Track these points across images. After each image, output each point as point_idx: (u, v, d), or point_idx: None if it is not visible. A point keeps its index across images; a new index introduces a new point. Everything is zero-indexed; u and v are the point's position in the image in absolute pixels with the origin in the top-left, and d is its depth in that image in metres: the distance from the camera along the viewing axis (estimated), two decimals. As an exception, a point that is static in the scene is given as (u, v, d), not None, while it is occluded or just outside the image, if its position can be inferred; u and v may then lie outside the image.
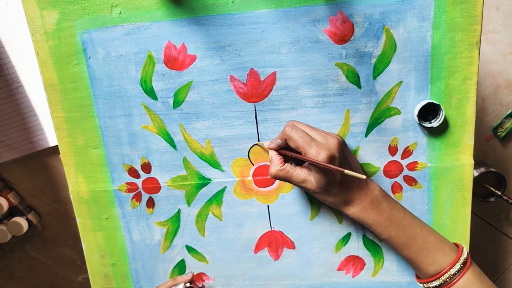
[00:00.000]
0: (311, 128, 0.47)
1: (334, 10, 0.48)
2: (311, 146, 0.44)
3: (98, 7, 0.49)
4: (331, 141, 0.45)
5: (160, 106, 0.52)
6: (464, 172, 0.52)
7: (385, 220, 0.48)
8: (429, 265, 0.47)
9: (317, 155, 0.43)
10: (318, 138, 0.46)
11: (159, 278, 0.58)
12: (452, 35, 0.48)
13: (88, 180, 0.55)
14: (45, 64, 0.51)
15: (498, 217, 0.94)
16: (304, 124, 0.48)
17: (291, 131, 0.46)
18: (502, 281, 0.99)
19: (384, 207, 0.48)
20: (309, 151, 0.44)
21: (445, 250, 0.47)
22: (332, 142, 0.45)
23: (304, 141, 0.45)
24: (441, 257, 0.47)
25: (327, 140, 0.45)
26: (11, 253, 0.98)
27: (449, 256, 0.47)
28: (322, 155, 0.43)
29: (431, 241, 0.48)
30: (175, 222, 0.56)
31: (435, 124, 0.49)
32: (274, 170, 0.48)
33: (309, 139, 0.45)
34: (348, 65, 0.50)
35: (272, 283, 0.58)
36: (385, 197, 0.49)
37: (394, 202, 0.50)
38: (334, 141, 0.45)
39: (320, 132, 0.47)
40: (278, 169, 0.47)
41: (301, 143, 0.45)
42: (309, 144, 0.44)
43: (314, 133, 0.46)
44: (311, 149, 0.44)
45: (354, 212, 0.48)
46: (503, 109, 0.89)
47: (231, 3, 0.48)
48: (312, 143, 0.44)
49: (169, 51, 0.50)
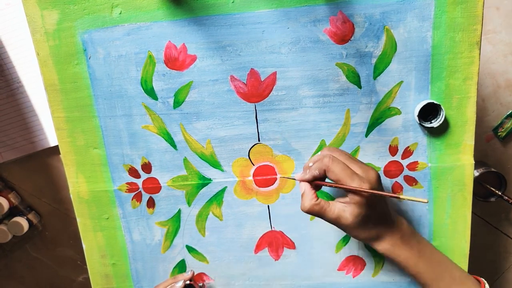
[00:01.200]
0: (350, 159, 0.46)
1: (334, 10, 0.48)
2: (353, 180, 0.43)
3: (99, 7, 0.49)
4: (372, 175, 0.44)
5: (161, 106, 0.52)
6: (464, 172, 0.52)
7: (415, 257, 0.47)
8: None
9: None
10: (359, 171, 0.44)
11: (160, 278, 0.58)
12: (453, 35, 0.48)
13: (88, 180, 0.55)
14: (46, 64, 0.51)
15: (498, 217, 0.94)
16: (343, 153, 0.46)
17: (332, 163, 0.44)
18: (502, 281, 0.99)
19: (413, 243, 0.47)
20: (351, 184, 0.43)
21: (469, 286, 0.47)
22: (373, 176, 0.44)
23: (346, 174, 0.43)
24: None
25: (368, 174, 0.44)
26: (12, 253, 0.98)
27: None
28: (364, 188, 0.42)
29: (457, 277, 0.47)
30: (175, 222, 0.56)
31: (436, 124, 0.49)
32: (308, 204, 0.45)
33: (350, 172, 0.43)
34: (348, 65, 0.50)
35: (273, 283, 0.58)
36: (413, 232, 0.48)
37: (421, 237, 0.49)
38: (374, 174, 0.44)
39: (361, 164, 0.45)
40: (314, 203, 0.44)
41: (343, 177, 0.43)
42: (351, 178, 0.43)
43: (354, 165, 0.45)
44: (353, 182, 0.43)
45: (385, 248, 0.47)
46: (503, 109, 0.89)
47: (232, 3, 0.48)
48: (354, 176, 0.43)
49: (169, 51, 0.50)
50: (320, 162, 0.45)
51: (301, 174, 0.46)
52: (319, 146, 0.53)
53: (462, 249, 0.54)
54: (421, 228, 0.54)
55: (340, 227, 0.45)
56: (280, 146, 0.53)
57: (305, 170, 0.46)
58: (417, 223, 0.54)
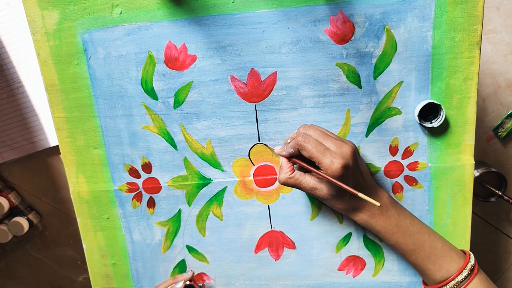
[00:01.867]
0: (324, 135, 0.46)
1: (334, 10, 0.48)
2: (325, 156, 0.43)
3: (99, 7, 0.49)
4: (345, 150, 0.44)
5: (161, 106, 0.52)
6: (464, 172, 0.52)
7: (393, 227, 0.48)
8: (437, 272, 0.47)
9: (331, 165, 0.43)
10: (332, 147, 0.45)
11: (160, 278, 0.58)
12: (453, 35, 0.48)
13: (88, 180, 0.55)
14: (46, 64, 0.51)
15: (499, 217, 0.94)
16: (317, 130, 0.47)
17: (304, 141, 0.45)
18: (503, 281, 0.99)
19: (392, 214, 0.48)
20: (323, 161, 0.43)
21: (452, 257, 0.47)
22: (346, 151, 0.44)
23: (317, 150, 0.44)
24: (448, 263, 0.47)
25: (341, 149, 0.44)
26: (12, 253, 0.98)
27: (456, 262, 0.47)
28: (336, 164, 0.43)
29: (439, 247, 0.48)
30: (175, 222, 0.56)
31: (436, 124, 0.49)
32: (283, 177, 0.47)
33: (322, 149, 0.44)
34: (348, 65, 0.50)
35: (273, 283, 0.58)
36: (393, 203, 0.49)
37: (402, 208, 0.50)
38: (348, 149, 0.45)
39: (334, 140, 0.46)
40: (288, 176, 0.47)
41: (315, 153, 0.44)
42: (323, 154, 0.44)
43: (328, 141, 0.45)
44: (325, 158, 0.43)
45: (362, 218, 0.48)
46: (503, 109, 0.89)
47: (232, 3, 0.48)
48: (326, 152, 0.44)
49: (169, 51, 0.50)
50: (295, 140, 0.46)
51: (280, 149, 0.48)
52: (319, 146, 0.53)
53: (462, 249, 0.54)
54: (421, 228, 0.54)
55: (317, 197, 0.47)
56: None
57: (283, 146, 0.48)
58: (417, 223, 0.54)
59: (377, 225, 0.48)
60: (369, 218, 0.48)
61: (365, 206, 0.48)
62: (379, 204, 0.41)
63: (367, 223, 0.48)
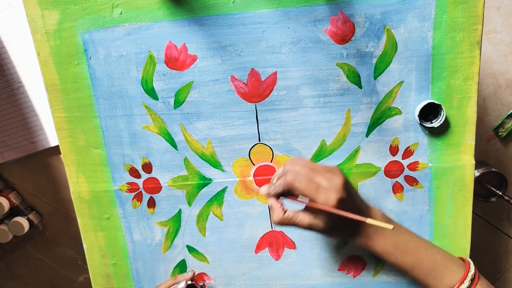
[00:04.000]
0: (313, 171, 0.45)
1: (335, 10, 0.48)
2: (320, 194, 0.43)
3: (99, 7, 0.49)
4: (337, 182, 0.44)
5: (161, 106, 0.52)
6: (465, 172, 0.52)
7: (391, 246, 0.47)
8: (438, 285, 0.46)
9: (327, 201, 0.43)
10: (323, 182, 0.44)
11: (160, 278, 0.58)
12: (453, 35, 0.48)
13: (89, 180, 0.55)
14: (46, 64, 0.51)
15: (499, 217, 0.94)
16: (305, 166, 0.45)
17: (294, 181, 0.44)
18: (503, 281, 0.99)
19: (388, 233, 0.48)
20: (318, 199, 0.43)
21: (452, 268, 0.47)
22: (338, 183, 0.44)
23: (311, 189, 0.43)
24: (449, 275, 0.46)
25: (333, 182, 0.44)
26: (12, 253, 0.98)
27: (457, 273, 0.46)
28: (331, 200, 0.43)
29: (438, 261, 0.47)
30: (176, 222, 0.56)
31: (436, 124, 0.49)
32: (277, 218, 0.46)
33: (315, 186, 0.43)
34: (349, 65, 0.50)
35: (273, 283, 0.58)
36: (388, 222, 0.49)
37: (398, 225, 0.49)
38: (339, 181, 0.44)
39: (324, 173, 0.45)
40: (281, 217, 0.45)
41: (309, 192, 0.43)
42: (317, 192, 0.43)
43: (318, 177, 0.44)
44: (320, 196, 0.43)
45: (360, 242, 0.47)
46: (504, 109, 0.89)
47: (232, 3, 0.48)
48: (320, 190, 0.43)
49: (170, 51, 0.50)
50: (283, 179, 0.45)
51: (266, 189, 0.47)
52: (320, 146, 0.53)
53: (463, 249, 0.54)
54: (421, 228, 0.54)
55: (315, 232, 0.46)
56: (281, 146, 0.53)
57: (270, 185, 0.47)
58: (417, 223, 0.54)
59: (376, 247, 0.47)
60: (367, 241, 0.47)
61: (361, 230, 0.47)
62: (392, 227, 0.40)
63: (366, 246, 0.48)
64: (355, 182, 0.53)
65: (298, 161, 0.46)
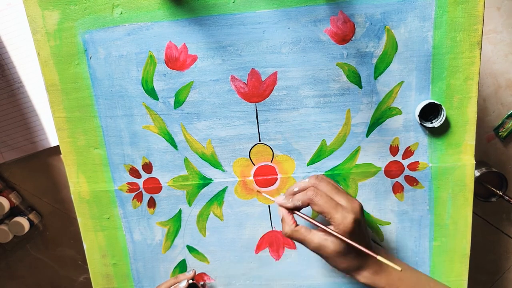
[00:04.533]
0: (336, 189, 0.45)
1: (335, 10, 0.48)
2: (337, 211, 0.43)
3: (100, 7, 0.49)
4: (356, 205, 0.44)
5: (161, 106, 0.52)
6: (465, 172, 0.52)
7: (396, 281, 0.47)
8: None
9: (344, 220, 0.42)
10: (343, 202, 0.44)
11: (160, 278, 0.58)
12: (453, 35, 0.48)
13: (89, 180, 0.55)
14: (47, 64, 0.51)
15: (499, 217, 0.94)
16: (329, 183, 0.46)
17: (316, 195, 0.44)
18: (503, 281, 0.99)
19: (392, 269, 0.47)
20: (335, 215, 0.43)
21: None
22: (356, 206, 0.44)
23: (330, 205, 0.43)
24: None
25: (352, 204, 0.44)
26: (13, 253, 0.98)
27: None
28: (348, 219, 0.42)
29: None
30: (176, 222, 0.56)
31: (437, 124, 0.49)
32: (288, 230, 0.45)
33: (334, 204, 0.43)
34: (349, 65, 0.50)
35: (273, 283, 0.58)
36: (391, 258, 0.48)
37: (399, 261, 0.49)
38: (358, 205, 0.44)
39: (345, 195, 0.45)
40: (293, 229, 0.45)
41: (327, 208, 0.43)
42: (335, 209, 0.43)
43: (339, 196, 0.45)
44: (337, 214, 0.43)
45: (366, 277, 0.46)
46: (504, 109, 0.89)
47: (232, 3, 0.48)
48: (338, 207, 0.43)
49: (170, 51, 0.50)
50: (304, 194, 0.45)
51: (283, 199, 0.46)
52: (320, 146, 0.53)
53: (463, 249, 0.54)
54: (422, 228, 0.54)
55: (321, 255, 0.45)
56: (281, 146, 0.53)
57: (288, 196, 0.46)
58: (417, 223, 0.54)
59: (381, 282, 0.46)
60: (373, 275, 0.46)
61: (367, 263, 0.46)
62: (400, 269, 0.40)
63: (372, 282, 0.46)
64: (355, 182, 0.53)
65: (323, 178, 0.46)
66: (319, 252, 0.45)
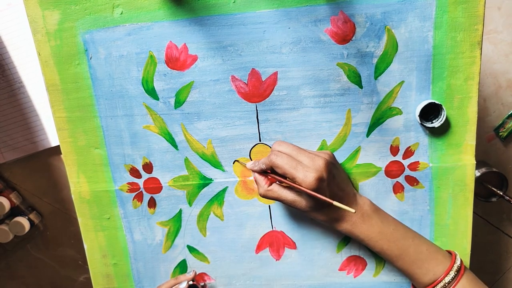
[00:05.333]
0: (297, 149, 0.47)
1: (335, 10, 0.48)
2: (298, 170, 0.44)
3: (100, 7, 0.49)
4: (318, 162, 0.45)
5: (162, 106, 0.52)
6: (466, 172, 0.52)
7: (376, 234, 0.48)
8: (424, 275, 0.47)
9: (305, 178, 0.43)
10: (305, 160, 0.45)
11: (161, 278, 0.58)
12: (454, 35, 0.48)
13: (89, 180, 0.55)
14: (47, 64, 0.51)
15: (500, 217, 0.94)
16: (290, 145, 0.48)
17: (276, 158, 0.46)
18: (504, 281, 0.99)
19: (374, 221, 0.49)
20: (297, 175, 0.44)
21: (438, 259, 0.47)
22: (319, 163, 0.45)
23: (290, 166, 0.44)
24: (434, 266, 0.47)
25: (314, 162, 0.45)
26: (13, 253, 0.98)
27: (442, 264, 0.47)
28: (309, 178, 0.43)
29: (424, 251, 0.48)
30: (176, 222, 0.56)
31: (437, 124, 0.49)
32: (262, 191, 0.48)
33: (295, 164, 0.45)
34: (349, 65, 0.50)
35: (274, 283, 0.58)
36: (375, 211, 0.50)
37: (385, 215, 0.50)
38: (321, 161, 0.45)
39: (307, 153, 0.46)
40: (266, 189, 0.48)
41: (288, 169, 0.44)
42: (296, 169, 0.44)
43: (301, 155, 0.46)
44: (298, 173, 0.44)
45: (345, 228, 0.48)
46: (505, 109, 0.89)
47: (233, 3, 0.48)
48: (299, 166, 0.44)
49: (170, 51, 0.50)
50: (267, 157, 0.47)
51: (251, 164, 0.50)
52: (320, 146, 0.53)
53: (464, 249, 0.54)
54: (422, 228, 0.54)
55: (298, 210, 0.48)
56: (281, 146, 0.53)
57: (255, 161, 0.50)
58: (418, 223, 0.54)
59: (360, 234, 0.48)
60: (352, 227, 0.48)
61: (345, 216, 0.48)
62: (354, 211, 0.41)
63: (350, 233, 0.48)
64: (355, 182, 0.53)
65: (284, 142, 0.49)
66: (295, 206, 0.47)
